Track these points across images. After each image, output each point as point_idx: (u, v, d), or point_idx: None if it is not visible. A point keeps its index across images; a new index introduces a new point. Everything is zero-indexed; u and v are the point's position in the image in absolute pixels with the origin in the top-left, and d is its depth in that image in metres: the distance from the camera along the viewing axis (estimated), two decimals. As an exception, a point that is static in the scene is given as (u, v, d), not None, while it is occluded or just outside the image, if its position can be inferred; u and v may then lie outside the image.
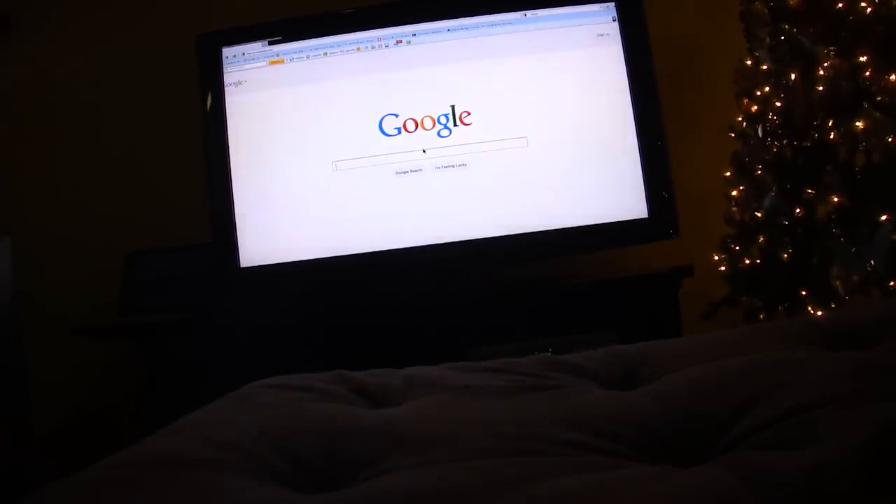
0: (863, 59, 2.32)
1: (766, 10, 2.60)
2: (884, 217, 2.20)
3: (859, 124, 2.29)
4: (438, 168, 2.78)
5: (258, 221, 2.84)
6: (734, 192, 2.70)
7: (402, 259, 2.78)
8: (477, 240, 2.76)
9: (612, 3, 2.82)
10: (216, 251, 2.86)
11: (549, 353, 2.53)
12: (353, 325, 2.77)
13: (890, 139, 2.24)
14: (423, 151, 2.79)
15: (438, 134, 2.79)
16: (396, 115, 2.80)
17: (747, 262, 2.64)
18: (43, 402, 2.83)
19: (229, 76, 2.89)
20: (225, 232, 2.83)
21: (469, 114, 2.79)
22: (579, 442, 1.02)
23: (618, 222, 2.75)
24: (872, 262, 2.22)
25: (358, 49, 2.86)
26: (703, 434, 1.03)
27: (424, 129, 2.79)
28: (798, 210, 2.47)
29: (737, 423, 1.02)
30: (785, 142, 2.54)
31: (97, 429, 3.14)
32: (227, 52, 2.90)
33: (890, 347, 1.23)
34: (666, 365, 1.32)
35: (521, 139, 2.78)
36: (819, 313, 2.40)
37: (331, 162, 2.82)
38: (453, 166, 2.78)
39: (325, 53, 2.87)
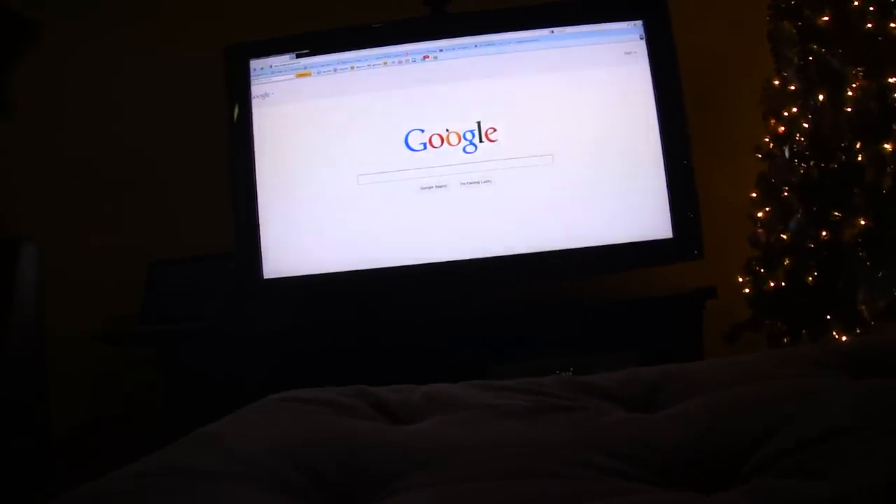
0: (892, 79, 2.31)
1: (794, 30, 2.59)
2: (911, 241, 2.19)
3: (887, 146, 2.27)
4: (463, 184, 2.78)
5: (282, 233, 2.85)
6: (760, 214, 2.69)
7: (425, 274, 2.78)
8: (501, 257, 2.76)
9: (640, 22, 2.81)
10: (239, 262, 2.87)
11: (570, 373, 2.53)
12: (376, 339, 2.77)
13: (918, 162, 2.23)
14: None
15: (464, 150, 2.79)
16: (422, 131, 2.81)
17: (772, 284, 2.62)
18: (64, 407, 2.85)
19: (256, 88, 2.90)
20: (248, 243, 2.84)
21: (495, 130, 2.79)
22: (601, 465, 1.01)
23: (642, 242, 2.74)
24: (899, 286, 2.21)
25: (385, 63, 2.87)
26: (724, 460, 1.02)
27: (450, 144, 2.80)
28: (824, 233, 2.45)
29: (758, 449, 1.01)
30: (812, 163, 2.52)
31: (116, 435, 3.15)
32: (255, 64, 2.91)
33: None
34: (688, 388, 1.32)
35: (546, 157, 2.77)
36: (844, 338, 2.38)
37: (356, 176, 2.82)
38: (478, 182, 2.77)
39: (353, 67, 2.88)
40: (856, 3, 2.41)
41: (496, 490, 0.94)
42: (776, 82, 2.67)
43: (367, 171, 2.82)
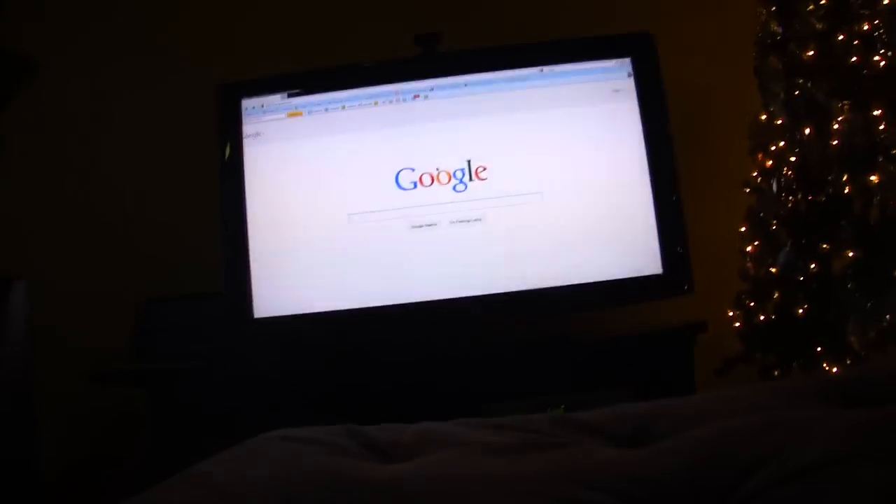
0: (877, 112, 2.33)
1: (780, 66, 2.61)
2: (899, 272, 2.20)
3: (874, 178, 2.29)
4: (454, 222, 2.78)
5: (273, 272, 2.85)
6: (749, 248, 2.70)
7: (416, 313, 2.78)
8: (492, 295, 2.76)
9: (628, 60, 2.83)
10: (229, 301, 2.87)
11: (562, 410, 2.53)
12: (367, 379, 2.76)
13: (905, 193, 2.24)
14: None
15: (454, 189, 2.79)
16: (413, 170, 2.82)
17: (762, 318, 2.63)
18: (52, 448, 2.83)
19: (248, 127, 2.91)
20: (238, 282, 2.84)
21: (485, 168, 2.80)
22: (591, 501, 1.01)
23: (632, 278, 2.75)
24: (889, 316, 2.21)
25: (376, 103, 2.88)
26: (713, 492, 1.02)
27: (440, 183, 2.81)
28: (813, 265, 2.46)
29: (747, 481, 1.01)
30: (800, 196, 2.54)
31: (106, 475, 3.13)
32: (247, 103, 2.92)
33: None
34: (677, 423, 1.32)
35: (536, 194, 2.78)
36: (834, 369, 2.38)
37: (346, 214, 2.83)
38: (468, 221, 2.78)
39: (343, 107, 2.89)
40: (840, 37, 2.43)
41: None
42: (763, 117, 2.69)
43: (357, 210, 2.83)
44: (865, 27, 2.38)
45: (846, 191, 2.37)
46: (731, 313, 2.75)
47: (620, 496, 1.03)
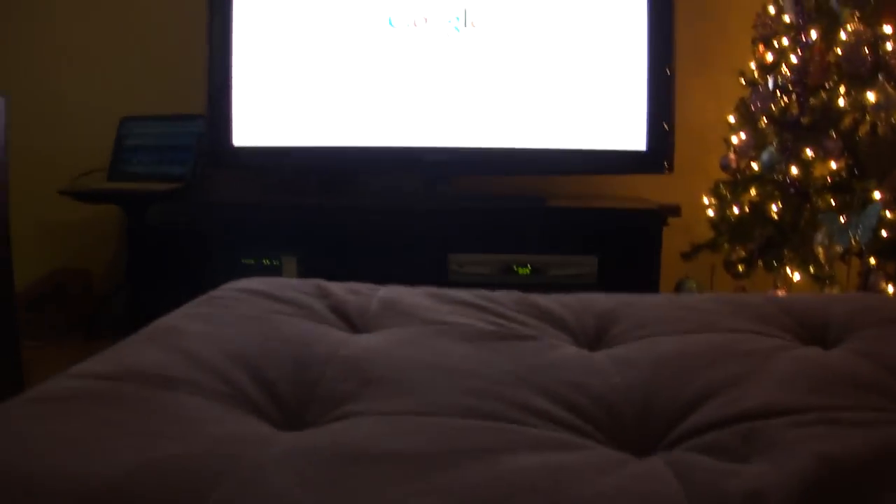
0: (888, 29, 2.30)
1: (801, -39, 2.56)
2: (877, 194, 2.22)
3: (871, 95, 2.28)
4: (443, 70, 2.76)
5: (255, 102, 2.84)
6: (734, 139, 2.70)
7: (396, 158, 2.80)
8: (473, 149, 2.77)
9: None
10: (210, 126, 2.86)
11: (528, 270, 2.57)
12: (341, 220, 2.78)
13: (898, 117, 2.24)
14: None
15: (448, 35, 2.75)
16: (406, 12, 2.77)
17: (736, 210, 2.66)
18: (26, 260, 2.85)
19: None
20: (221, 108, 2.82)
21: (481, 18, 2.75)
22: (543, 411, 1.04)
23: (615, 151, 2.76)
24: (858, 236, 2.24)
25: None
26: (658, 421, 1.05)
27: (433, 26, 2.76)
28: (794, 169, 2.48)
29: (691, 414, 1.04)
30: (794, 98, 2.53)
31: (76, 289, 3.15)
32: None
33: (853, 349, 1.26)
34: (636, 328, 1.36)
35: (531, 52, 2.76)
36: (796, 275, 2.44)
37: (338, 50, 2.79)
38: (459, 70, 2.76)
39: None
40: (863, -55, 2.38)
41: (436, 428, 0.97)
42: (771, 9, 2.66)
43: (350, 47, 2.79)
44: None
45: (841, 102, 2.36)
46: (706, 200, 2.78)
47: (574, 409, 1.06)
